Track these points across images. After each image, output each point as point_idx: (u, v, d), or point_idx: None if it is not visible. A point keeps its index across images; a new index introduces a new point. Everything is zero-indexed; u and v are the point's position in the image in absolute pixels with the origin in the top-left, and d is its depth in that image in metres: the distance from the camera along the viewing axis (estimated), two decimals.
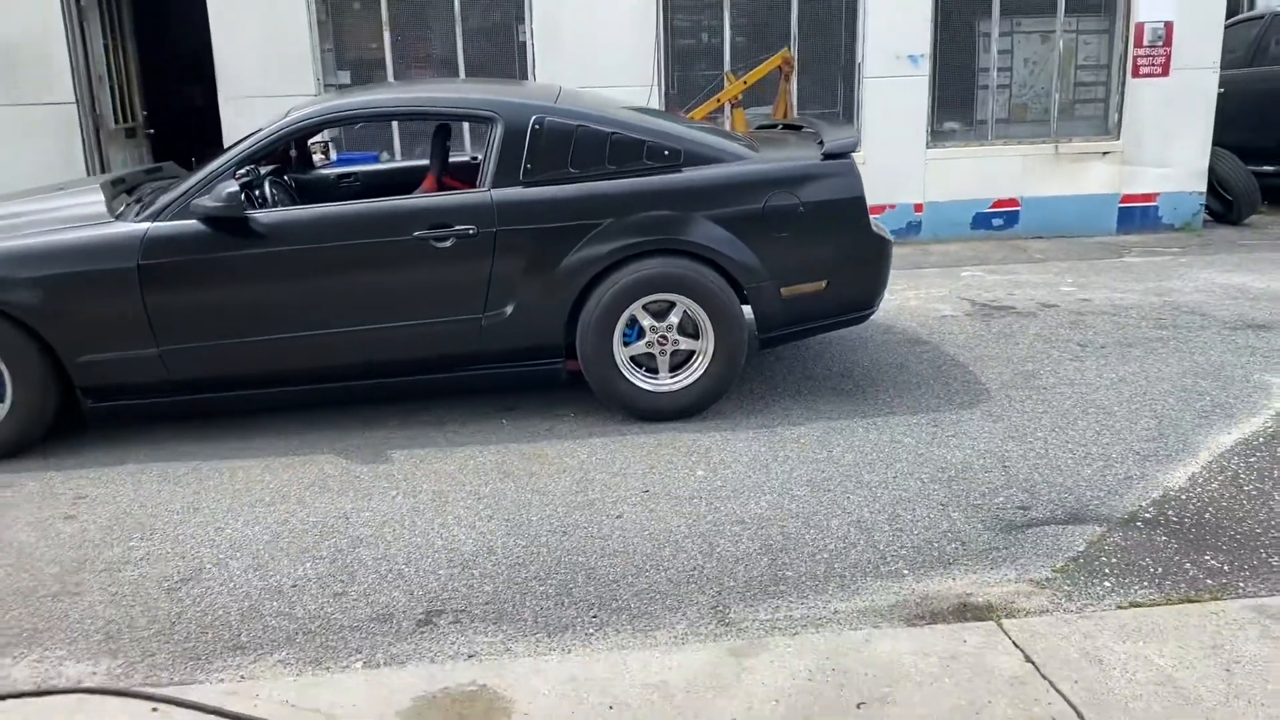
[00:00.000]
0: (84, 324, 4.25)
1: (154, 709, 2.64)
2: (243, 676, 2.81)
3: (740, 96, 7.88)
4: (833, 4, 8.38)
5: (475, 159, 5.50)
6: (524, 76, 8.17)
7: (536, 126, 4.45)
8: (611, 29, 8.02)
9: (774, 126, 5.86)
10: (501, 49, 8.21)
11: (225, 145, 7.75)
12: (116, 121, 8.33)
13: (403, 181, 5.70)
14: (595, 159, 4.46)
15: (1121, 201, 8.86)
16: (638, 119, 4.69)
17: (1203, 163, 8.82)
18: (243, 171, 4.51)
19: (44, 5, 7.58)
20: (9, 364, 4.23)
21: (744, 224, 4.48)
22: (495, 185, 4.42)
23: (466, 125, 7.89)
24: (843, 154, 4.61)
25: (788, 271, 4.54)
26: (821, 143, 4.74)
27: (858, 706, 2.58)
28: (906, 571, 3.27)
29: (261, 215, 4.31)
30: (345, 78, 8.18)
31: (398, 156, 8.12)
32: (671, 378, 4.57)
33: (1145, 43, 8.52)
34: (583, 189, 4.44)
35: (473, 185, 4.64)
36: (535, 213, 4.40)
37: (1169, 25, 8.48)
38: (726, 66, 8.31)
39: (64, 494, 4.01)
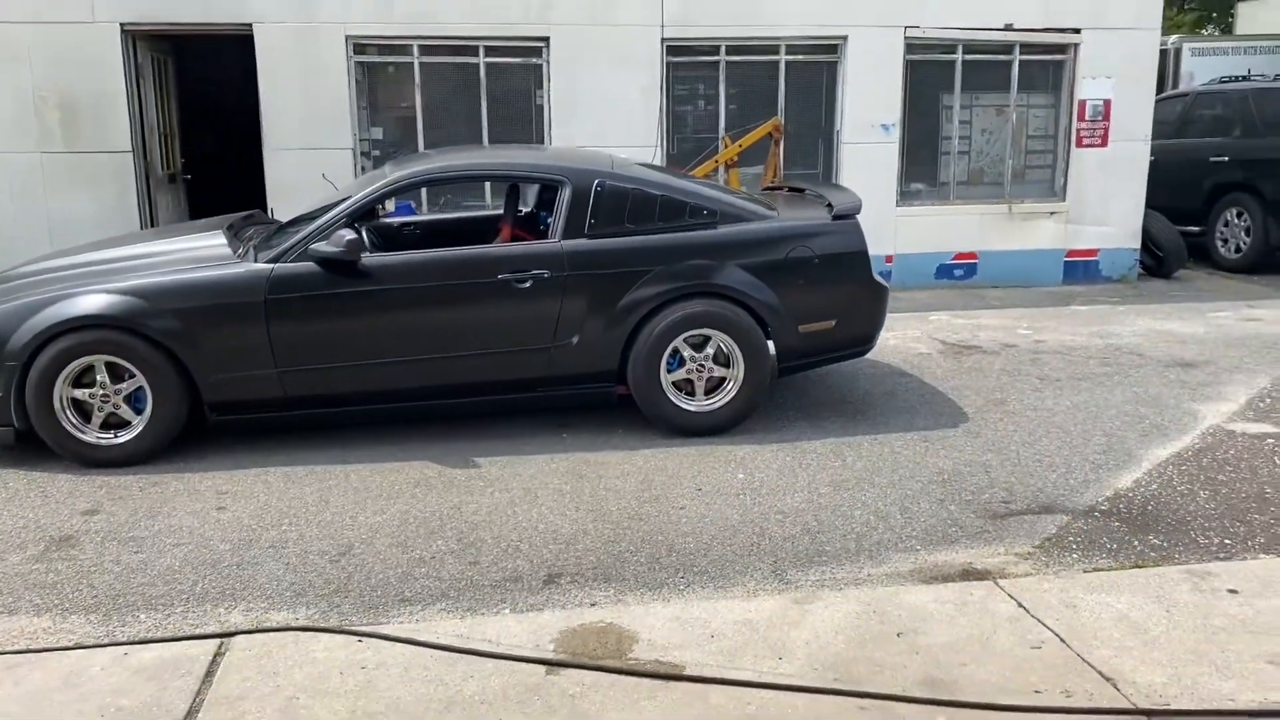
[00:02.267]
0: (215, 348, 5.00)
1: (359, 640, 3.41)
2: (418, 620, 3.59)
3: (735, 158, 8.86)
4: (814, 77, 9.44)
5: (521, 211, 6.35)
6: (541, 135, 9.08)
7: (599, 189, 5.33)
8: (620, 97, 8.97)
9: (779, 189, 6.79)
10: (521, 110, 9.11)
11: (267, 190, 8.58)
12: (162, 169, 9.05)
13: (455, 229, 6.56)
14: (647, 216, 5.35)
15: (1066, 256, 9.99)
16: (680, 183, 5.61)
17: (1137, 223, 9.99)
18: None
19: (106, 64, 8.31)
20: (150, 381, 4.97)
21: (768, 272, 5.39)
22: (565, 237, 5.28)
23: (489, 184, 8.76)
24: (849, 215, 5.57)
25: (804, 312, 5.45)
26: (829, 205, 5.70)
27: (898, 635, 3.44)
28: (919, 547, 4.15)
29: (370, 258, 5.11)
30: (378, 133, 9.01)
31: (424, 207, 8.92)
32: (708, 399, 5.44)
33: (1087, 117, 9.69)
34: (636, 241, 5.33)
35: (523, 233, 5.47)
36: (598, 260, 5.27)
37: (1107, 102, 9.67)
38: (721, 131, 9.30)
39: (206, 491, 4.74)
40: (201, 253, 5.24)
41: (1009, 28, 9.43)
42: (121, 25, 8.31)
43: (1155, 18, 9.61)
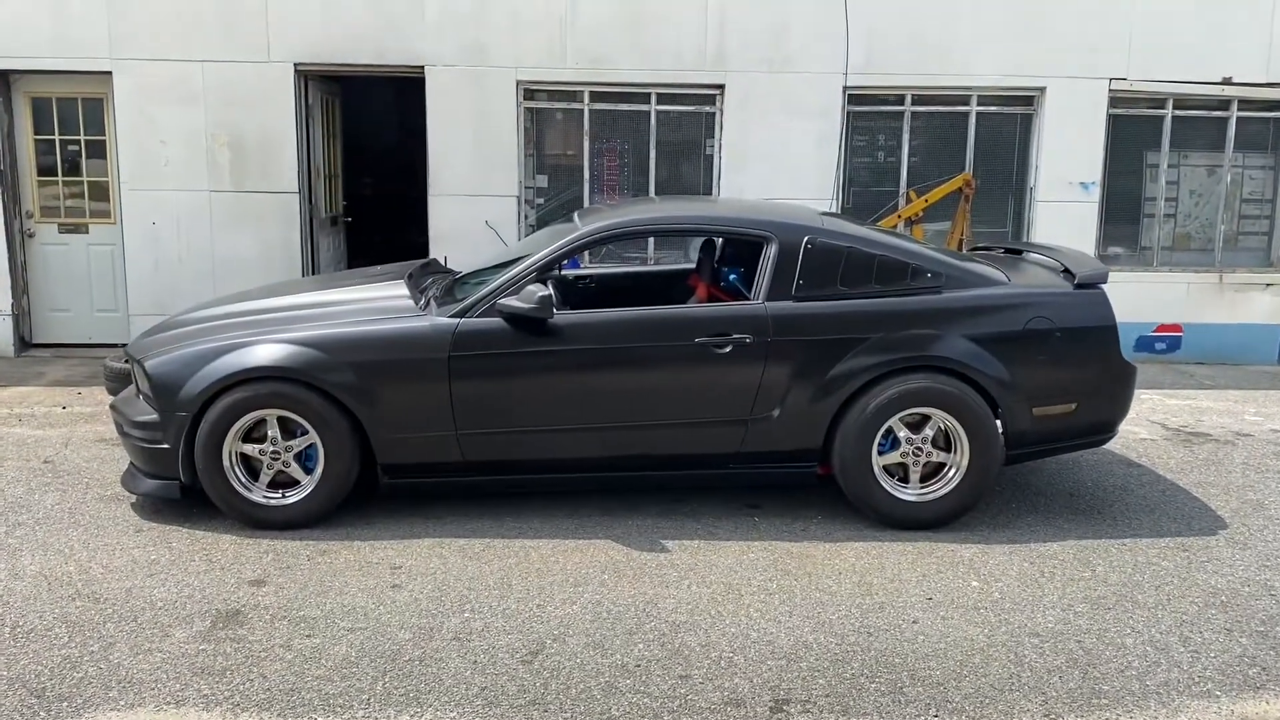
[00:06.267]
0: (393, 406, 4.62)
1: None
2: None
3: (920, 213, 8.24)
4: (1006, 130, 8.76)
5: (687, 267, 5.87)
6: (710, 186, 8.64)
7: (809, 246, 4.80)
8: (795, 147, 8.47)
9: (988, 249, 6.14)
10: (690, 160, 8.70)
11: (430, 237, 8.35)
12: (325, 210, 8.93)
13: (632, 285, 6.13)
14: (862, 278, 4.79)
15: None
16: (899, 242, 5.03)
17: None
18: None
19: (278, 104, 8.23)
20: (324, 439, 4.62)
21: (1002, 345, 4.75)
22: (769, 298, 4.76)
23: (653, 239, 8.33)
24: (1095, 283, 4.90)
25: (1040, 392, 4.78)
26: (1067, 271, 5.05)
27: None
28: (1219, 693, 3.43)
29: (560, 316, 4.68)
30: (543, 181, 8.71)
31: (585, 260, 8.54)
32: (922, 487, 4.81)
33: None
34: (850, 305, 4.77)
35: (717, 292, 4.99)
36: (806, 326, 4.73)
37: None
38: (903, 185, 8.69)
39: (378, 563, 4.34)
40: (383, 304, 4.90)
41: (1227, 82, 8.59)
42: (295, 65, 8.23)
43: None
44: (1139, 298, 8.79)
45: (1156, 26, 8.48)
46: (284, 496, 4.68)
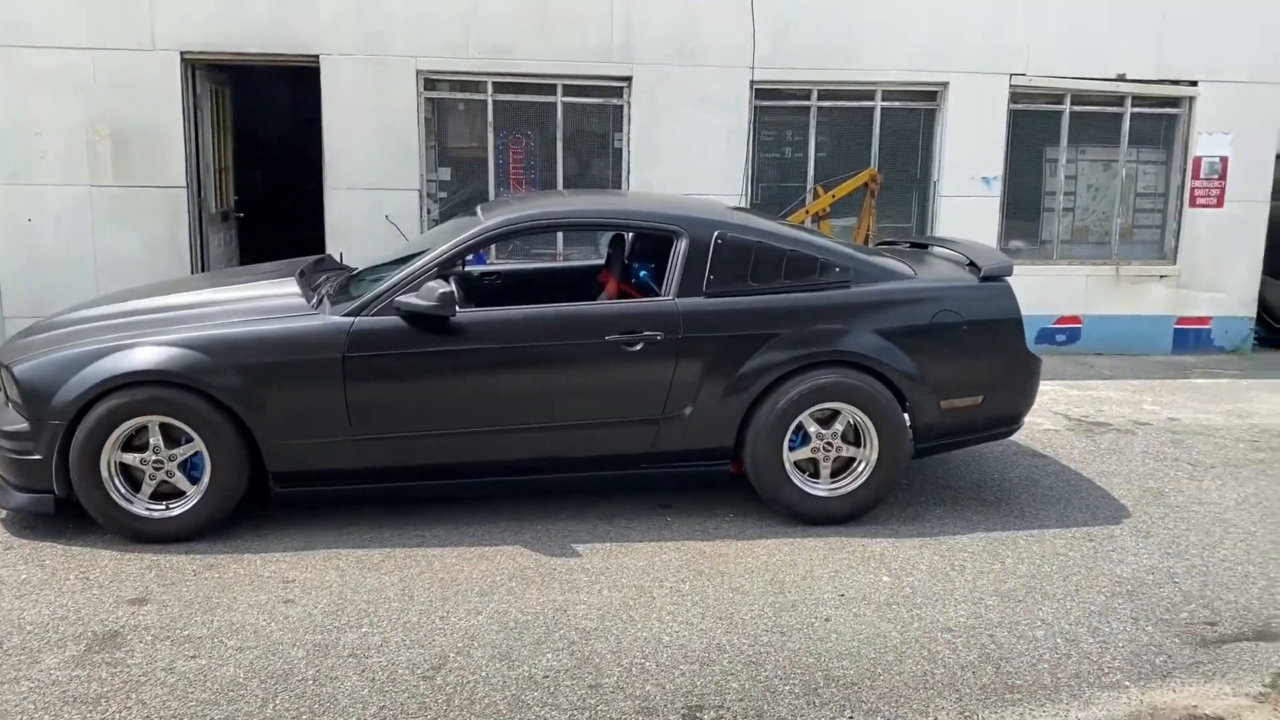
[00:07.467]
0: (284, 411, 4.39)
1: None
2: None
3: (828, 209, 8.25)
4: (911, 125, 8.84)
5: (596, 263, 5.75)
6: (619, 180, 8.52)
7: (719, 241, 4.71)
8: (705, 141, 8.41)
9: (894, 244, 6.15)
10: (599, 154, 8.57)
11: (326, 232, 8.06)
12: (215, 206, 8.55)
13: (539, 282, 5.97)
14: (772, 273, 4.72)
15: (1176, 323, 9.27)
16: (808, 237, 4.99)
17: (1253, 289, 9.28)
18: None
19: (163, 94, 7.85)
20: (210, 446, 4.36)
21: (910, 339, 4.73)
22: (680, 295, 4.66)
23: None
24: (1000, 276, 4.92)
25: (947, 385, 4.78)
26: (972, 264, 5.06)
27: None
28: (1128, 683, 3.44)
29: (462, 314, 4.50)
30: (445, 174, 8.47)
31: (491, 255, 8.34)
32: (833, 482, 4.77)
33: (1202, 175, 9.03)
34: (760, 301, 4.69)
35: (627, 288, 4.88)
36: (717, 322, 4.64)
37: (1225, 160, 9.01)
38: (810, 180, 8.71)
39: (269, 577, 4.11)
40: (272, 302, 4.66)
41: (1121, 78, 8.81)
42: (182, 54, 7.85)
43: (1278, 70, 8.95)
44: (1040, 290, 8.94)
45: (1055, 24, 8.65)
46: (168, 508, 4.40)
